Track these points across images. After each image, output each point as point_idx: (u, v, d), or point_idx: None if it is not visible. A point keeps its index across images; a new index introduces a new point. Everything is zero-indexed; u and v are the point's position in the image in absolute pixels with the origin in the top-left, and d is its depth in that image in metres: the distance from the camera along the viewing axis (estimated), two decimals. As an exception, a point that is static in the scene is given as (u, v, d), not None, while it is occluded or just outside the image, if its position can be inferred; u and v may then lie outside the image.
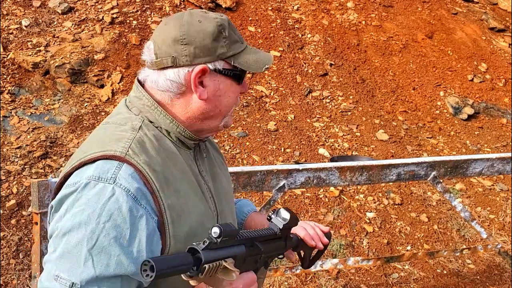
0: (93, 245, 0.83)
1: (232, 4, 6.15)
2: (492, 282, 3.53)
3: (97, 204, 0.85)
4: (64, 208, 0.88)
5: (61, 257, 0.85)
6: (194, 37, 0.97)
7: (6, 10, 5.34)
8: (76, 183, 0.88)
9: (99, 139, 0.97)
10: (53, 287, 0.84)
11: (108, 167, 0.89)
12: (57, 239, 0.87)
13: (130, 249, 0.85)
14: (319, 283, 3.27)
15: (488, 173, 2.67)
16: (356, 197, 4.26)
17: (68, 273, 0.83)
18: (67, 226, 0.85)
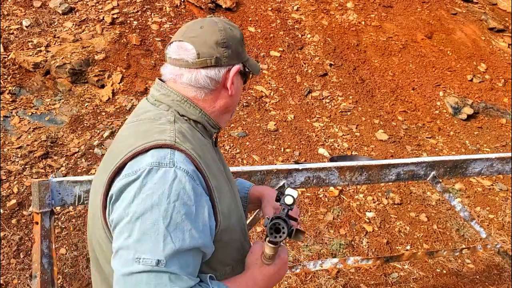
0: (169, 223, 0.91)
1: (232, 5, 6.16)
2: (491, 281, 3.54)
3: (164, 186, 0.93)
4: (130, 195, 0.93)
5: (139, 240, 0.91)
6: (231, 42, 1.12)
7: (7, 10, 5.34)
8: (137, 171, 0.95)
9: (140, 134, 1.04)
10: (137, 270, 0.90)
11: (164, 154, 0.97)
12: (130, 224, 0.92)
13: (197, 224, 0.95)
14: (319, 283, 3.28)
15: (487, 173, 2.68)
16: (355, 196, 4.27)
17: (150, 252, 0.90)
18: (139, 210, 0.92)
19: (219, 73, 1.12)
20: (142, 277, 0.90)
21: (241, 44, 1.16)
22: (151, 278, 0.90)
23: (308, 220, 3.89)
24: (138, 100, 4.75)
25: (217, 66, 1.11)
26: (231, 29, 1.15)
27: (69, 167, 3.93)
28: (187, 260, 0.95)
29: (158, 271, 0.91)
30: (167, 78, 1.15)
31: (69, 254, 3.24)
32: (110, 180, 1.00)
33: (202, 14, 5.98)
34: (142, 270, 0.90)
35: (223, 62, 1.11)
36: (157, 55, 5.24)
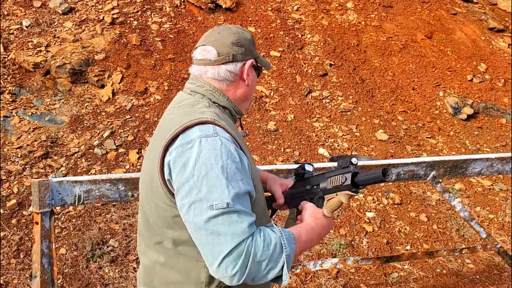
0: (227, 176, 1.17)
1: (232, 5, 6.16)
2: (491, 281, 3.54)
3: (215, 150, 1.18)
4: (191, 160, 1.18)
5: (209, 192, 1.15)
6: (243, 42, 1.40)
7: (7, 11, 5.34)
8: (190, 141, 1.20)
9: (185, 114, 1.29)
10: (212, 214, 1.14)
11: (208, 128, 1.22)
12: (198, 182, 1.16)
13: (244, 174, 1.22)
14: (319, 283, 3.28)
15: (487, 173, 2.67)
16: (355, 196, 4.27)
17: (219, 199, 1.15)
18: (203, 170, 1.17)
19: (236, 67, 1.39)
20: (218, 219, 1.14)
21: (252, 44, 1.44)
22: (224, 218, 1.14)
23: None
24: (138, 100, 4.75)
25: (234, 61, 1.38)
26: (243, 32, 1.43)
27: (69, 167, 3.93)
28: (245, 201, 1.20)
29: (228, 211, 1.15)
30: (195, 75, 1.41)
31: (69, 254, 3.24)
32: (165, 148, 1.22)
33: (202, 14, 5.98)
34: (216, 214, 1.14)
35: (238, 58, 1.38)
36: (157, 55, 5.24)
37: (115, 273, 3.15)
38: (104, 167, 3.98)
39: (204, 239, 1.16)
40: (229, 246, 1.13)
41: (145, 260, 1.38)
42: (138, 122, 4.50)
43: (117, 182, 1.90)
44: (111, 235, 3.41)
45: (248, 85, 1.43)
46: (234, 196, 1.16)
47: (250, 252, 1.14)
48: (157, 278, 1.34)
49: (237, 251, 1.13)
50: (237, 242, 1.14)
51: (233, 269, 1.13)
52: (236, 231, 1.14)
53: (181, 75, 5.15)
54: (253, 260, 1.14)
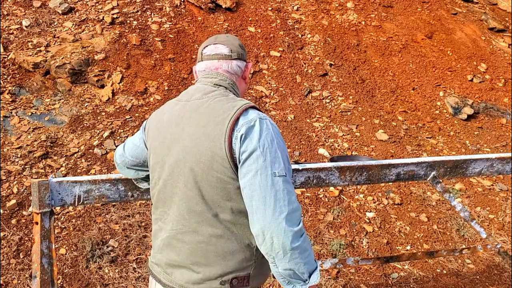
0: (281, 150, 1.40)
1: (232, 5, 6.16)
2: (491, 282, 3.53)
3: (270, 129, 1.41)
4: (256, 134, 1.37)
5: (272, 161, 1.36)
6: (243, 47, 1.65)
7: (7, 10, 5.34)
8: (252, 120, 1.40)
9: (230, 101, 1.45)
10: (277, 181, 1.34)
11: (258, 112, 1.44)
12: (263, 152, 1.36)
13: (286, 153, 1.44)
14: (319, 283, 3.28)
15: (487, 173, 2.67)
16: (355, 197, 4.27)
17: (279, 168, 1.36)
18: (266, 144, 1.37)
19: (242, 64, 1.60)
20: (280, 184, 1.34)
21: (243, 49, 1.66)
22: (285, 183, 1.36)
23: (308, 220, 3.89)
24: (138, 100, 4.75)
25: (241, 59, 1.60)
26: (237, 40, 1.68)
27: (69, 167, 3.93)
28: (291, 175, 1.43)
29: (286, 181, 1.36)
30: (211, 69, 1.57)
31: (69, 254, 3.23)
32: (231, 127, 1.38)
33: (202, 14, 5.98)
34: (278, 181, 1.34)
35: (244, 57, 1.62)
36: (157, 55, 5.24)
37: (115, 273, 3.15)
38: (104, 167, 3.98)
39: (268, 201, 1.32)
40: (288, 208, 1.33)
41: (195, 238, 1.45)
42: (138, 122, 4.50)
43: (117, 182, 1.89)
44: (111, 235, 3.41)
45: (246, 83, 1.66)
46: (287, 167, 1.39)
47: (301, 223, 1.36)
48: (213, 251, 1.44)
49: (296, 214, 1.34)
50: (292, 208, 1.33)
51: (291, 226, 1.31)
52: (291, 198, 1.35)
53: (181, 75, 5.14)
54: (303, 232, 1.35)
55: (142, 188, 1.89)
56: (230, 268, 1.44)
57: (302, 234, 1.34)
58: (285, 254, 1.31)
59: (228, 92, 1.52)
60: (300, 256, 1.33)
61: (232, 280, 1.44)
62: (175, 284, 1.50)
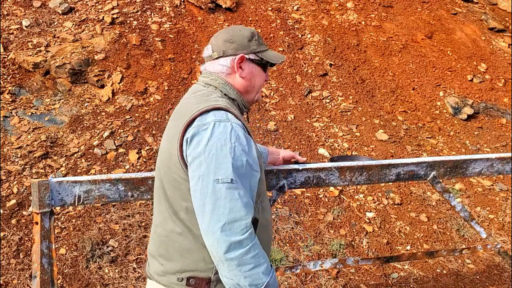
0: (233, 156, 1.33)
1: (232, 5, 6.16)
2: (491, 282, 3.53)
3: (226, 133, 1.34)
4: (205, 139, 1.33)
5: (216, 167, 1.31)
6: (236, 38, 1.55)
7: (7, 10, 5.34)
8: (206, 124, 1.35)
9: (201, 101, 1.44)
10: (219, 188, 1.30)
11: (221, 113, 1.38)
12: (208, 158, 1.32)
13: (251, 157, 1.38)
14: (319, 283, 3.28)
15: (487, 173, 2.67)
16: (355, 197, 4.27)
17: (225, 174, 1.30)
18: (213, 149, 1.32)
19: (227, 61, 1.54)
20: (221, 192, 1.29)
21: (248, 40, 1.55)
22: (227, 193, 1.30)
23: (308, 220, 3.89)
24: (138, 100, 4.75)
25: (225, 56, 1.54)
26: (240, 30, 1.57)
27: (69, 167, 3.93)
28: (248, 181, 1.36)
29: (231, 187, 1.30)
30: (205, 69, 1.59)
31: (69, 254, 3.23)
32: (185, 128, 1.38)
33: (202, 14, 5.98)
34: (220, 188, 1.29)
35: (229, 53, 1.53)
36: (157, 55, 5.24)
37: (115, 273, 3.15)
38: (104, 167, 3.98)
39: (207, 208, 1.30)
40: (228, 216, 1.28)
41: (162, 231, 1.51)
42: (138, 122, 4.50)
43: (117, 182, 1.89)
44: (111, 235, 3.41)
45: (244, 77, 1.55)
46: (237, 174, 1.32)
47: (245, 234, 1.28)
48: (172, 247, 1.47)
49: (238, 223, 1.28)
50: (233, 217, 1.28)
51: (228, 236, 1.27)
52: (235, 206, 1.29)
53: (181, 75, 5.14)
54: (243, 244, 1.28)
55: None
56: (187, 266, 1.43)
57: (244, 246, 1.28)
58: (222, 264, 1.29)
59: (216, 92, 1.51)
60: (238, 269, 1.28)
61: (190, 279, 1.43)
62: (148, 273, 1.58)
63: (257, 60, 1.57)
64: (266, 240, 1.51)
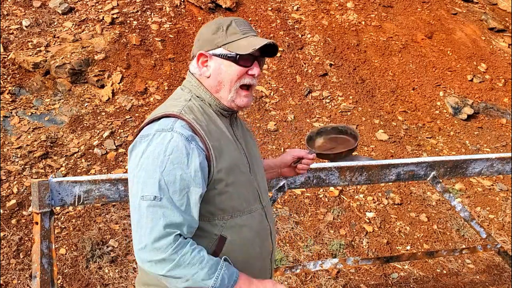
0: (163, 170, 1.23)
1: (232, 5, 6.16)
2: (491, 282, 3.53)
3: (162, 145, 1.25)
4: (140, 152, 1.28)
5: (143, 183, 1.24)
6: (201, 35, 1.43)
7: (7, 10, 5.34)
8: (148, 135, 1.29)
9: (162, 107, 1.39)
10: (142, 205, 1.22)
11: (168, 122, 1.30)
12: (139, 172, 1.25)
13: (189, 170, 1.26)
14: (319, 283, 3.28)
15: (487, 173, 2.67)
16: (355, 197, 4.27)
17: (150, 191, 1.22)
18: (145, 162, 1.25)
19: (194, 61, 1.44)
20: (143, 210, 1.22)
21: (213, 33, 1.40)
22: (150, 211, 1.22)
23: (308, 220, 3.89)
24: (138, 100, 4.75)
25: (194, 57, 1.44)
26: (208, 25, 1.44)
27: (69, 167, 3.93)
28: (182, 199, 1.25)
29: (154, 205, 1.22)
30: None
31: (69, 254, 3.23)
32: (134, 138, 1.34)
33: (202, 14, 5.98)
34: (144, 205, 1.22)
35: (194, 53, 1.44)
36: (157, 55, 5.24)
37: (115, 273, 3.15)
38: (104, 167, 3.98)
39: (133, 225, 1.25)
40: (150, 236, 1.21)
41: None
42: (138, 122, 4.50)
43: (117, 182, 1.89)
44: (111, 235, 3.41)
45: (209, 76, 1.40)
46: (164, 190, 1.23)
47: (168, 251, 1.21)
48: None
49: (161, 242, 1.21)
50: (154, 237, 1.20)
51: (153, 257, 1.21)
52: (156, 226, 1.21)
53: (181, 75, 5.14)
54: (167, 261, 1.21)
55: None
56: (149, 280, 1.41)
57: (170, 262, 1.21)
58: (161, 279, 1.26)
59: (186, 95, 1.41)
60: (175, 281, 1.24)
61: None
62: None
63: (225, 54, 1.38)
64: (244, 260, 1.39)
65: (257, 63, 1.42)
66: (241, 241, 1.38)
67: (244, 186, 1.41)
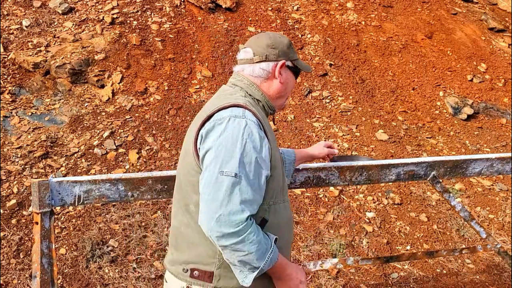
0: (243, 151, 1.36)
1: (232, 5, 6.16)
2: (491, 282, 3.54)
3: (239, 129, 1.38)
4: (218, 132, 1.38)
5: (223, 160, 1.34)
6: (277, 45, 1.61)
7: (7, 10, 5.34)
8: (221, 118, 1.40)
9: (222, 100, 1.49)
10: (222, 180, 1.33)
11: (238, 110, 1.42)
12: (218, 150, 1.36)
13: (261, 154, 1.39)
14: (319, 283, 3.28)
15: (487, 173, 2.67)
16: (355, 197, 4.27)
17: (231, 168, 1.34)
18: (224, 142, 1.36)
19: (269, 65, 1.59)
20: (223, 183, 1.33)
21: (288, 47, 1.62)
22: (229, 186, 1.33)
23: (308, 220, 3.89)
24: (138, 100, 4.75)
25: (267, 60, 1.59)
26: (280, 37, 1.63)
27: (69, 167, 3.93)
28: (255, 179, 1.37)
29: (234, 182, 1.33)
30: (236, 71, 1.64)
31: (69, 254, 3.23)
32: (202, 124, 1.44)
33: (202, 14, 5.98)
34: (223, 180, 1.33)
35: (271, 58, 1.59)
36: (157, 55, 5.24)
37: (115, 273, 3.15)
38: (104, 167, 3.98)
39: (207, 196, 1.34)
40: (225, 209, 1.31)
41: (174, 222, 1.59)
42: (138, 122, 4.50)
43: (117, 182, 1.89)
44: (111, 235, 3.41)
45: (282, 83, 1.61)
46: (243, 169, 1.35)
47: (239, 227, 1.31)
48: (181, 238, 1.53)
49: (233, 217, 1.31)
50: (229, 210, 1.31)
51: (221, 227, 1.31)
52: (233, 200, 1.32)
53: (181, 75, 5.15)
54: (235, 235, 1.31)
55: None
56: (192, 258, 1.48)
57: (237, 237, 1.32)
58: (219, 247, 1.36)
59: (240, 92, 1.56)
60: (231, 253, 1.35)
61: (193, 271, 1.48)
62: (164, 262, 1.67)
63: (293, 67, 1.64)
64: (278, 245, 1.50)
65: None
66: (278, 225, 1.52)
67: (282, 178, 1.57)
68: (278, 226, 1.52)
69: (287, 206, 1.60)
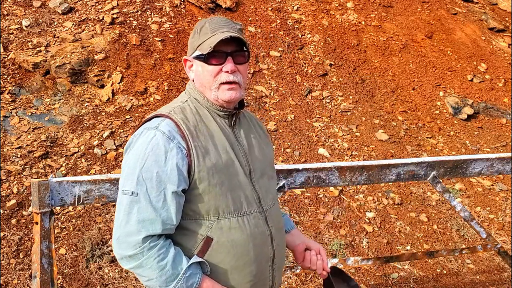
0: (143, 167, 1.29)
1: (232, 5, 6.16)
2: (491, 282, 3.53)
3: (144, 143, 1.32)
4: (129, 146, 1.37)
5: (125, 177, 1.32)
6: (191, 37, 1.46)
7: (7, 10, 5.34)
8: (137, 134, 1.37)
9: (159, 110, 1.44)
10: (122, 199, 1.31)
11: (156, 121, 1.36)
12: (124, 167, 1.34)
13: (166, 168, 1.29)
14: (319, 283, 3.28)
15: (487, 173, 2.67)
16: (355, 197, 4.27)
17: (129, 186, 1.30)
18: (129, 159, 1.34)
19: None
20: (123, 204, 1.30)
21: (192, 36, 1.45)
22: (127, 206, 1.29)
23: (308, 220, 3.89)
24: (137, 100, 4.75)
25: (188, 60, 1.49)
26: (197, 26, 1.45)
27: (69, 167, 3.93)
28: (158, 196, 1.29)
29: (131, 200, 1.29)
30: None
31: (69, 254, 3.23)
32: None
33: (202, 14, 5.98)
34: (122, 199, 1.31)
35: (189, 55, 1.47)
36: (157, 55, 5.24)
37: (115, 273, 3.15)
38: (104, 167, 3.98)
39: (115, 216, 1.33)
40: (122, 230, 1.29)
41: None
42: (138, 122, 4.50)
43: (117, 182, 1.89)
44: (111, 235, 3.41)
45: (194, 79, 1.48)
46: (142, 186, 1.29)
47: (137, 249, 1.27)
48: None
49: (130, 239, 1.28)
50: (127, 232, 1.28)
51: (120, 250, 1.30)
52: (130, 220, 1.28)
53: (181, 75, 5.14)
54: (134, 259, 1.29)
55: None
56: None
57: (136, 260, 1.28)
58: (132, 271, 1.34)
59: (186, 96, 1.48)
60: (141, 278, 1.33)
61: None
62: None
63: (196, 55, 1.42)
64: (234, 263, 1.36)
65: (231, 59, 1.38)
66: (230, 243, 1.35)
67: (235, 188, 1.38)
68: (232, 243, 1.35)
69: (251, 219, 1.39)
